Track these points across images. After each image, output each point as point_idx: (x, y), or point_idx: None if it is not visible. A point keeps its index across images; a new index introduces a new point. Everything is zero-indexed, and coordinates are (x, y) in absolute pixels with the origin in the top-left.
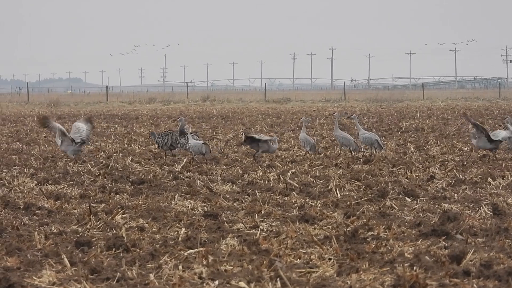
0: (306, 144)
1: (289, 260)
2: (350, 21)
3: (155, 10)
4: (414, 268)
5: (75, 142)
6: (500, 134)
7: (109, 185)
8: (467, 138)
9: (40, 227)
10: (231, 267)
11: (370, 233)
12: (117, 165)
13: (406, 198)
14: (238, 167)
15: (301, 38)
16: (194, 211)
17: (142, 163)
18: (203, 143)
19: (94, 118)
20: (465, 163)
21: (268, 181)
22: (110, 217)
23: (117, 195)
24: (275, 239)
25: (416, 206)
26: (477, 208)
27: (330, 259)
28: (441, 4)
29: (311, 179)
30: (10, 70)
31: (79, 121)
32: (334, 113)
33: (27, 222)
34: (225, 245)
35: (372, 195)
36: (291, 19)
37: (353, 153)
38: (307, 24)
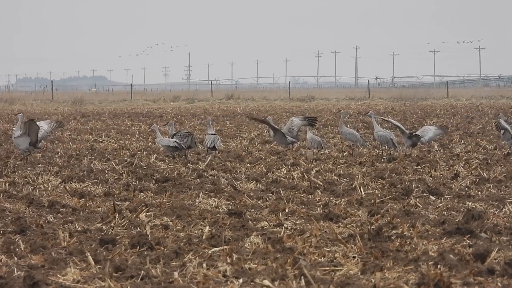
0: (313, 142)
1: (313, 258)
2: (374, 20)
3: (179, 8)
4: (439, 266)
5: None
6: (426, 133)
7: (134, 183)
8: (491, 136)
9: (65, 225)
10: (255, 265)
11: (394, 231)
12: (142, 163)
13: (430, 196)
14: (262, 165)
15: (325, 36)
16: (218, 209)
17: (167, 161)
18: (174, 140)
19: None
20: (489, 161)
21: (292, 179)
22: (134, 215)
23: (142, 193)
24: (299, 237)
25: (440, 205)
26: (502, 207)
27: (354, 257)
28: (465, 2)
29: (335, 177)
30: (34, 68)
31: (44, 121)
32: (340, 110)
33: (51, 220)
34: (249, 243)
35: (396, 194)
36: (315, 18)
37: (361, 147)
38: (332, 22)
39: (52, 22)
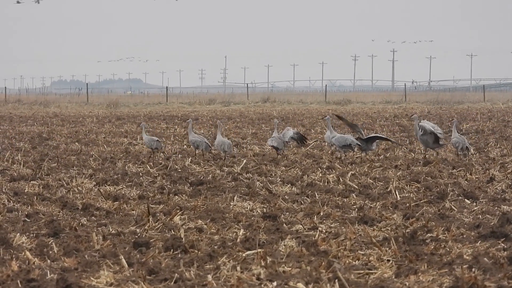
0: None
1: (347, 261)
2: (411, 23)
3: (217, 12)
4: (473, 269)
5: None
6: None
7: (168, 186)
8: None
9: (98, 228)
10: (290, 268)
11: (429, 234)
12: (176, 166)
13: (465, 200)
14: (297, 169)
15: (362, 39)
16: (253, 212)
17: (201, 164)
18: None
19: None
20: None
21: (327, 182)
22: (168, 218)
23: (176, 196)
24: (334, 240)
25: (475, 208)
26: None
27: (388, 260)
28: (499, 5)
29: (370, 180)
30: (70, 71)
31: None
32: (325, 117)
33: (85, 222)
34: (283, 246)
35: (432, 197)
36: (351, 21)
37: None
38: (368, 25)
39: (88, 25)
